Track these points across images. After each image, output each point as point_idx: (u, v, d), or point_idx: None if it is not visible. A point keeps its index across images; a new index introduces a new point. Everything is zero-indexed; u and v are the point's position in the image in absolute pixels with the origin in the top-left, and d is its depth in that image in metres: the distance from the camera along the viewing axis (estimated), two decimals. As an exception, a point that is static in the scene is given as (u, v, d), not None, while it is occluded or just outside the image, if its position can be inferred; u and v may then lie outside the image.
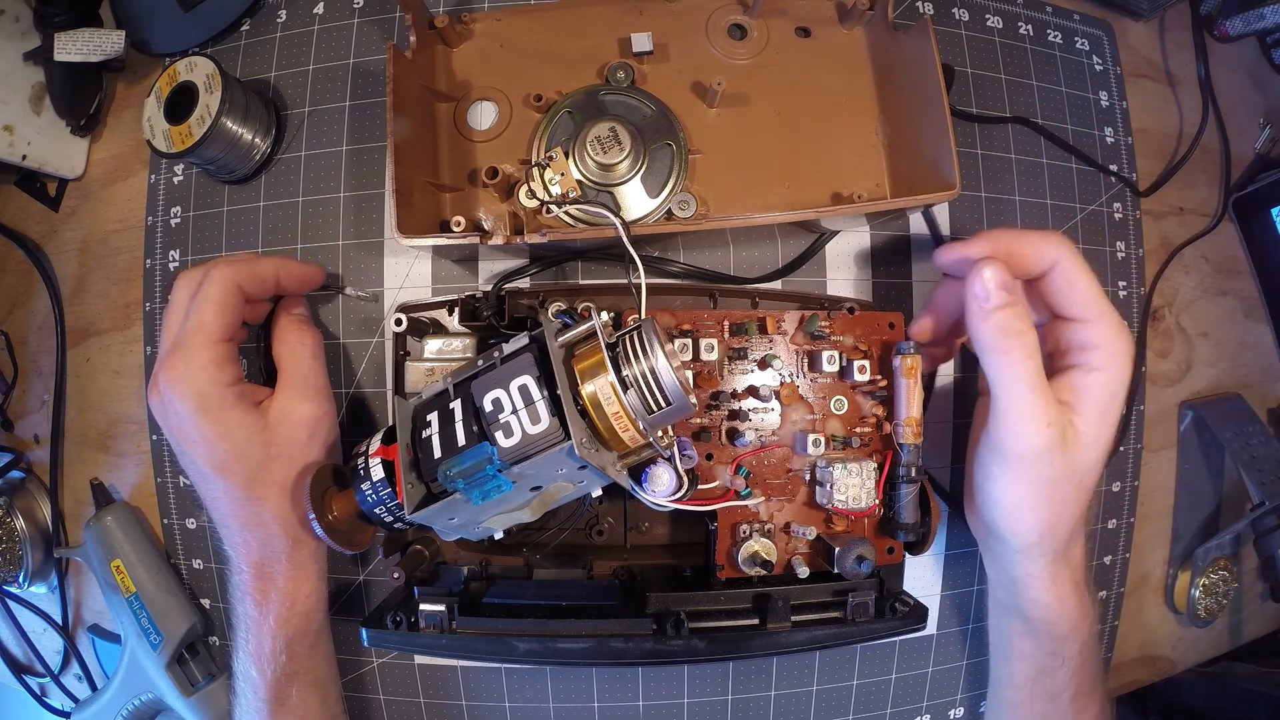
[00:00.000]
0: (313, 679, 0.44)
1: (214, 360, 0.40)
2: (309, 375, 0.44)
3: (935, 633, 0.52)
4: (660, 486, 0.36)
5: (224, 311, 0.41)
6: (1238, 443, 0.56)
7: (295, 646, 0.43)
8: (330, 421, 0.44)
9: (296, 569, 0.42)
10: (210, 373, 0.40)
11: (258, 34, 0.53)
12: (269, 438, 0.41)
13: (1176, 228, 0.58)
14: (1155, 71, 0.58)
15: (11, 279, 0.58)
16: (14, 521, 0.55)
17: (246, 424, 0.41)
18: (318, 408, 0.44)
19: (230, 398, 0.40)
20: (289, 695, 0.43)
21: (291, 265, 0.45)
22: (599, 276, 0.49)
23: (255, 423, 0.41)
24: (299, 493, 0.41)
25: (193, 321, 0.40)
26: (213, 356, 0.40)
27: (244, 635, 0.43)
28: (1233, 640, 0.62)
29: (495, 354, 0.36)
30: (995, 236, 0.40)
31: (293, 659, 0.43)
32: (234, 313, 0.41)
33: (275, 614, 0.42)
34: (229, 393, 0.40)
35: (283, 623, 0.42)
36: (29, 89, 0.52)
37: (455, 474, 0.33)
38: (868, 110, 0.49)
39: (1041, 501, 0.39)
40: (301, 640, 0.43)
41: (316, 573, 0.44)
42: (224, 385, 0.40)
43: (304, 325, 0.45)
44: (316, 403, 0.44)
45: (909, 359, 0.40)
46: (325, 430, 0.44)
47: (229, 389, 0.40)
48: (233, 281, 0.41)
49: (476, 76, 0.49)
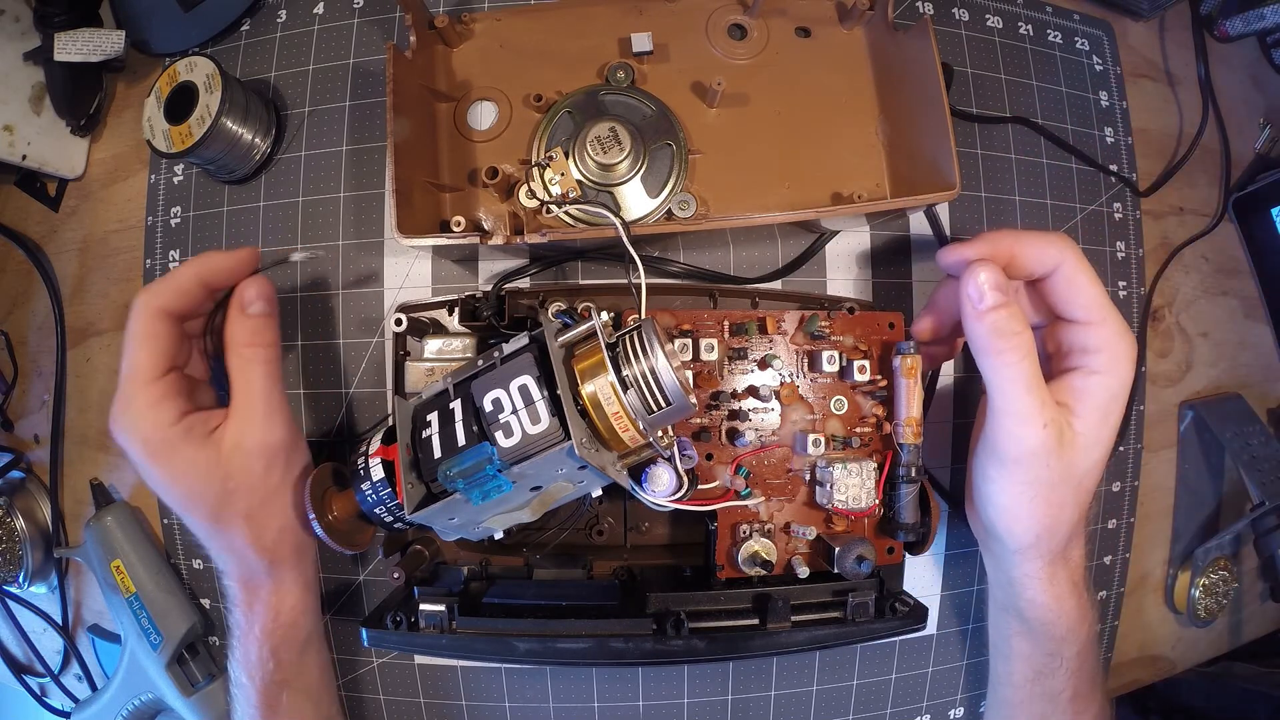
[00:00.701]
0: (303, 686, 0.44)
1: (151, 402, 0.38)
2: (259, 397, 0.40)
3: (935, 633, 0.52)
4: (660, 486, 0.36)
5: (151, 345, 0.38)
6: (1238, 443, 0.56)
7: (281, 655, 0.42)
8: (289, 447, 0.41)
9: (278, 583, 0.42)
10: (150, 417, 0.38)
11: (258, 34, 0.53)
12: (224, 471, 0.39)
13: (1176, 228, 0.58)
14: (1155, 71, 0.58)
15: (11, 279, 0.58)
16: (14, 521, 0.55)
17: (199, 462, 0.38)
18: (271, 434, 0.40)
19: (176, 438, 0.38)
20: (279, 701, 0.43)
21: (212, 259, 0.40)
22: (599, 276, 0.49)
23: (208, 459, 0.38)
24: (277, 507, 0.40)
25: (125, 364, 0.38)
26: (149, 399, 0.38)
27: (234, 642, 0.43)
28: (1233, 640, 0.62)
29: (495, 354, 0.36)
30: (998, 238, 0.39)
31: (280, 667, 0.42)
32: (164, 342, 0.38)
33: (260, 624, 0.42)
34: (173, 433, 0.38)
35: (268, 633, 0.42)
36: (29, 89, 0.53)
37: (455, 474, 0.33)
38: (868, 110, 0.49)
39: (1039, 503, 0.39)
40: (288, 649, 0.43)
41: (301, 584, 0.43)
42: (167, 426, 0.38)
43: (252, 332, 0.40)
44: (269, 428, 0.40)
45: (909, 359, 0.40)
46: (285, 458, 0.41)
47: (173, 428, 0.38)
48: (153, 308, 0.38)
49: (476, 76, 0.49)
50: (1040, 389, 0.37)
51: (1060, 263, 0.39)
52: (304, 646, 0.44)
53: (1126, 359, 0.38)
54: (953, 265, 0.40)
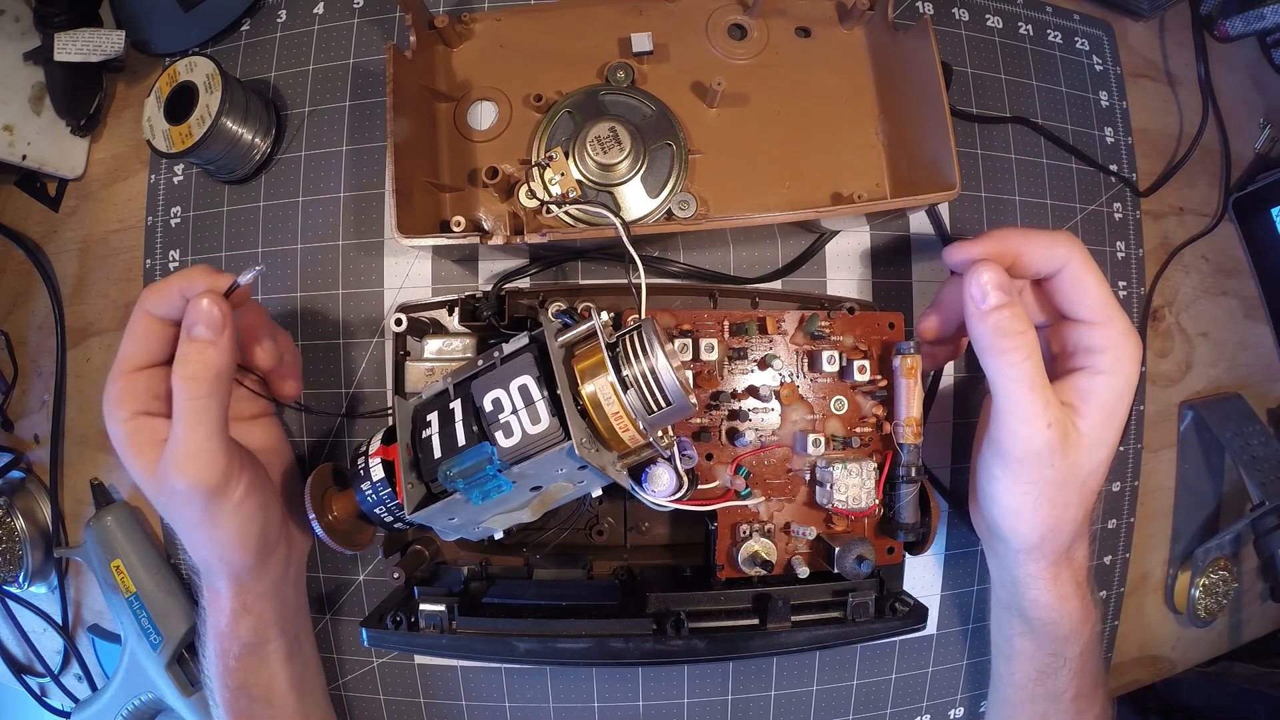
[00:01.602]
0: (263, 695, 0.43)
1: (113, 395, 0.38)
2: (181, 436, 0.36)
3: (935, 633, 0.52)
4: (660, 486, 0.36)
5: (131, 341, 0.38)
6: (1238, 443, 0.56)
7: (230, 660, 0.42)
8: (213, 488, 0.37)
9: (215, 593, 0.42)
10: (109, 408, 0.38)
11: (258, 34, 0.53)
12: (153, 489, 0.38)
13: (1176, 228, 0.58)
14: (1155, 71, 0.58)
15: (11, 279, 0.58)
16: (14, 521, 0.55)
17: (138, 467, 0.38)
18: (185, 477, 0.36)
19: (123, 436, 0.38)
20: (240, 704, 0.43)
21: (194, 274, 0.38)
22: (599, 276, 0.49)
23: (144, 467, 0.37)
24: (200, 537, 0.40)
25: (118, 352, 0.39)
26: (113, 391, 0.38)
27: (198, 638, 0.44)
28: (1233, 640, 0.62)
29: (495, 354, 0.36)
30: (1003, 236, 0.39)
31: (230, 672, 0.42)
32: (142, 341, 0.38)
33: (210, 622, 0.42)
34: (123, 429, 0.37)
35: (218, 634, 0.42)
36: (29, 89, 0.52)
37: (455, 474, 0.33)
38: (868, 110, 0.49)
39: (1043, 503, 0.39)
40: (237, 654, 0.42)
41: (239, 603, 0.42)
42: (120, 420, 0.37)
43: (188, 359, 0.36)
44: (185, 469, 0.36)
45: (909, 359, 0.40)
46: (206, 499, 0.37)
47: (123, 425, 0.37)
48: (142, 309, 0.38)
49: (476, 76, 0.49)
50: (1044, 389, 0.37)
51: (1066, 262, 0.38)
52: (256, 655, 0.43)
53: (1132, 359, 0.38)
54: (958, 264, 0.40)
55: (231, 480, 0.38)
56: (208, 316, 0.36)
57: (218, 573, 0.41)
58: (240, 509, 0.39)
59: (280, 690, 0.44)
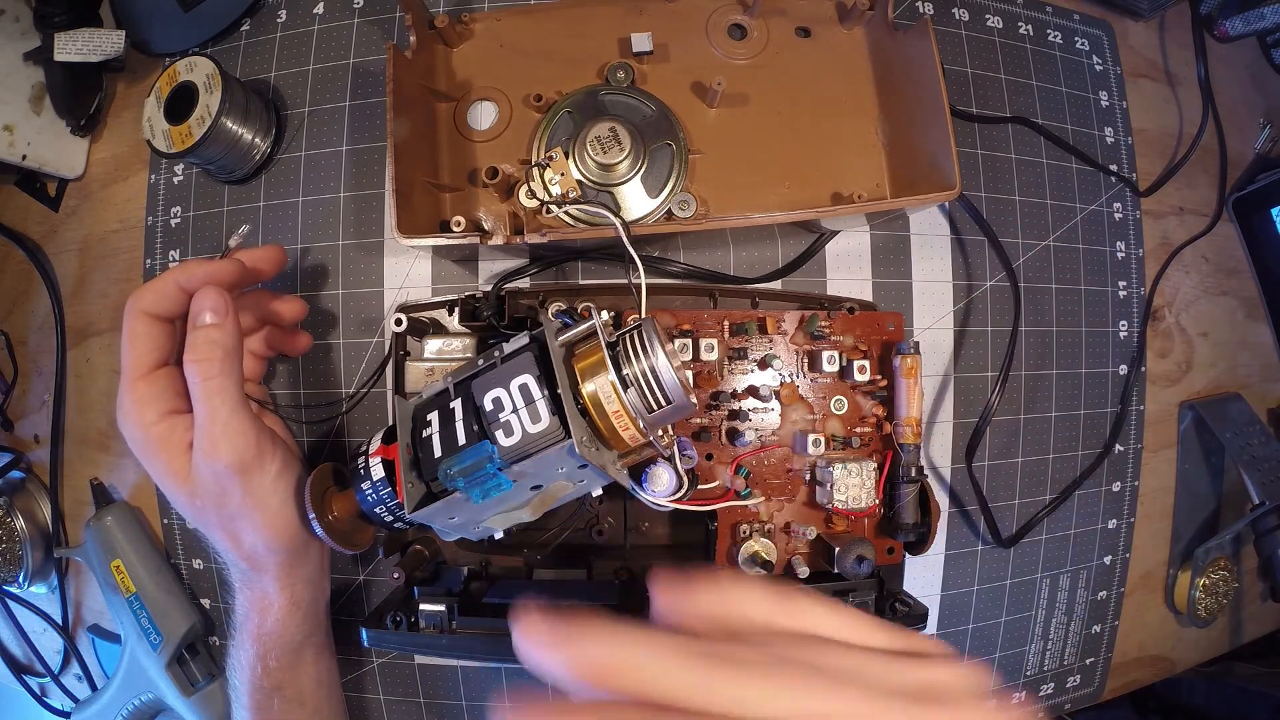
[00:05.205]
0: (295, 694, 0.43)
1: (135, 400, 0.38)
2: (207, 419, 0.37)
3: (935, 633, 0.52)
4: (660, 486, 0.36)
5: (137, 344, 0.38)
6: (1238, 443, 0.56)
7: (270, 661, 0.42)
8: (248, 465, 0.38)
9: (263, 590, 0.42)
10: (135, 414, 0.38)
11: (258, 34, 0.53)
12: (190, 488, 0.39)
13: (1176, 228, 0.58)
14: (1155, 71, 0.58)
15: (11, 279, 0.58)
16: (14, 521, 0.55)
17: (173, 471, 0.39)
18: (221, 459, 0.38)
19: (156, 439, 0.38)
20: (271, 706, 0.43)
21: (190, 267, 0.39)
22: (599, 276, 0.49)
23: (179, 470, 0.39)
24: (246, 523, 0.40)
25: (121, 364, 0.39)
26: (135, 397, 0.38)
27: (231, 642, 0.44)
28: (1233, 640, 0.62)
29: (495, 353, 0.36)
30: None
31: (269, 673, 0.42)
32: (149, 341, 0.39)
33: (250, 626, 0.42)
34: (154, 433, 0.38)
35: (256, 636, 0.42)
36: (29, 89, 0.53)
37: (455, 473, 0.33)
38: (868, 110, 0.49)
39: None
40: (277, 655, 0.42)
41: (287, 595, 0.42)
42: (149, 425, 0.38)
43: (200, 345, 0.37)
44: (219, 452, 0.37)
45: (909, 359, 0.40)
46: (244, 478, 0.39)
47: (155, 428, 0.38)
48: (136, 310, 0.38)
49: (476, 76, 0.49)
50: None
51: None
52: (296, 654, 0.43)
53: None
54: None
55: (265, 454, 0.39)
56: (213, 302, 0.38)
57: (265, 565, 0.41)
58: (279, 483, 0.40)
59: (311, 688, 0.44)
